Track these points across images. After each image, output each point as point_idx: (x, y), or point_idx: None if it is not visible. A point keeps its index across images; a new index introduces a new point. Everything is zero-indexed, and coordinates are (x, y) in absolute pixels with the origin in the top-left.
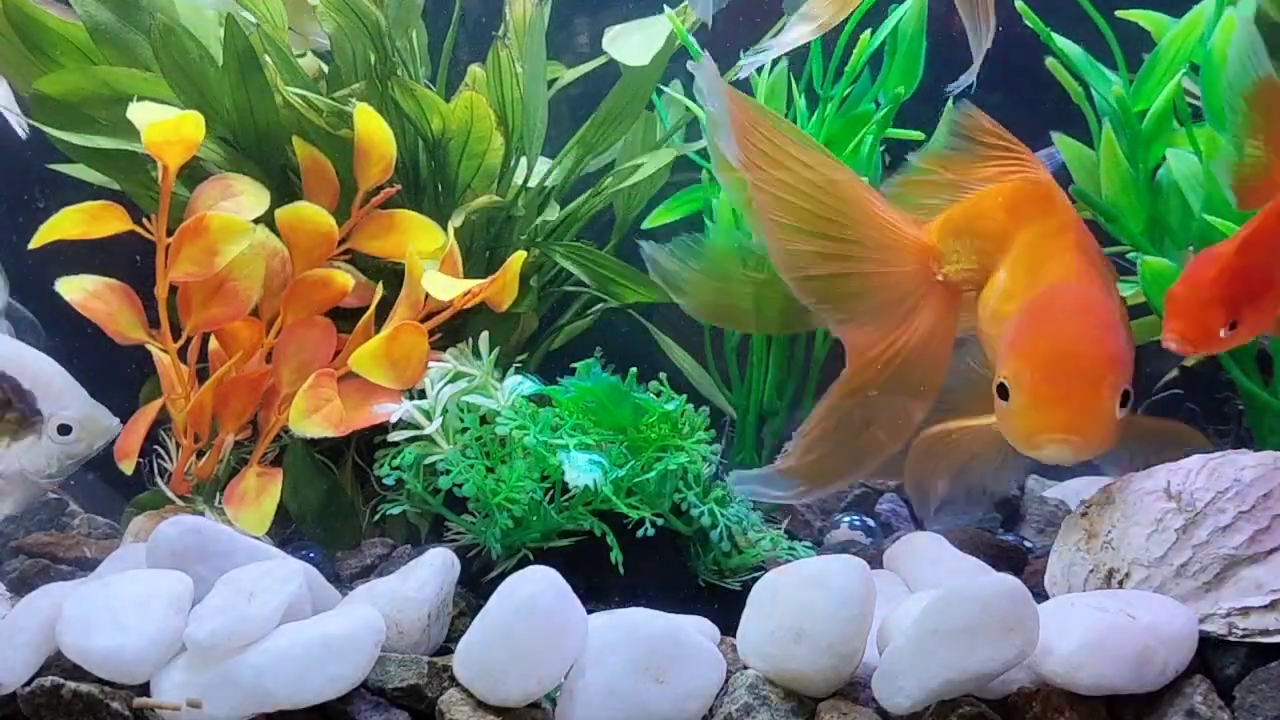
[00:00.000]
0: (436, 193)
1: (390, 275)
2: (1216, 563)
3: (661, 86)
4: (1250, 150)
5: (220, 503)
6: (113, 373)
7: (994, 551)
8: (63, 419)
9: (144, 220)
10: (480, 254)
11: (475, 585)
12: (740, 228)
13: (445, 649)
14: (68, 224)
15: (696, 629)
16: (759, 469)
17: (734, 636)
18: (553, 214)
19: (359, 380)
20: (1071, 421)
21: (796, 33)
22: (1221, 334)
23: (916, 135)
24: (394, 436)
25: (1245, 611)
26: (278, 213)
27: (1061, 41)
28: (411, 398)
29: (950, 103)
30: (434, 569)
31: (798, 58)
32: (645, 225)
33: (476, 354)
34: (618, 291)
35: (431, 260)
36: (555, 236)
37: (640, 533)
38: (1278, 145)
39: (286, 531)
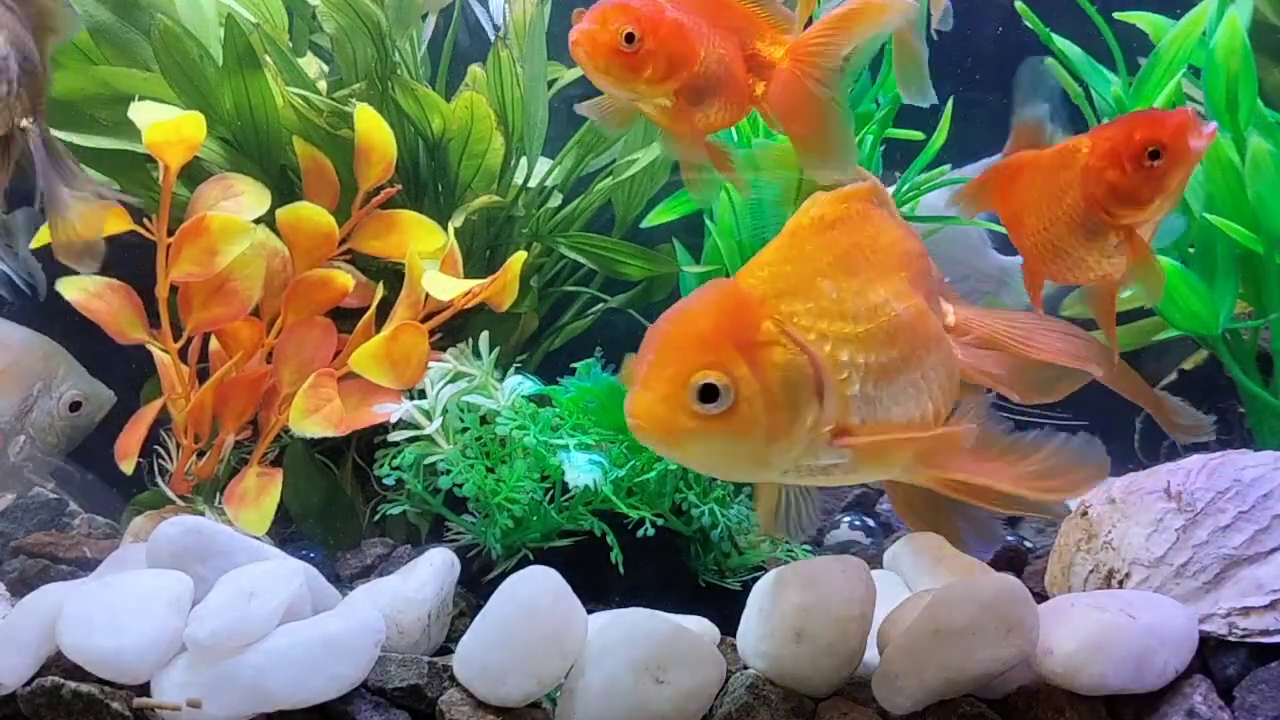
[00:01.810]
0: (437, 193)
1: (390, 275)
2: (1216, 563)
3: None
4: None
5: (220, 503)
6: (113, 372)
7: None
8: (74, 396)
9: (144, 220)
10: (480, 254)
11: (475, 585)
12: (740, 227)
13: (445, 649)
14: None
15: (696, 629)
16: None
17: (734, 636)
18: (555, 201)
19: (359, 380)
20: (635, 403)
21: None
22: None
23: (916, 135)
24: (394, 436)
25: (1245, 611)
26: (278, 213)
27: (1061, 42)
28: (411, 398)
29: (951, 101)
30: (434, 569)
31: None
32: (645, 224)
33: (476, 354)
34: (626, 270)
35: (432, 260)
36: (556, 232)
37: (640, 533)
38: None
39: (286, 531)
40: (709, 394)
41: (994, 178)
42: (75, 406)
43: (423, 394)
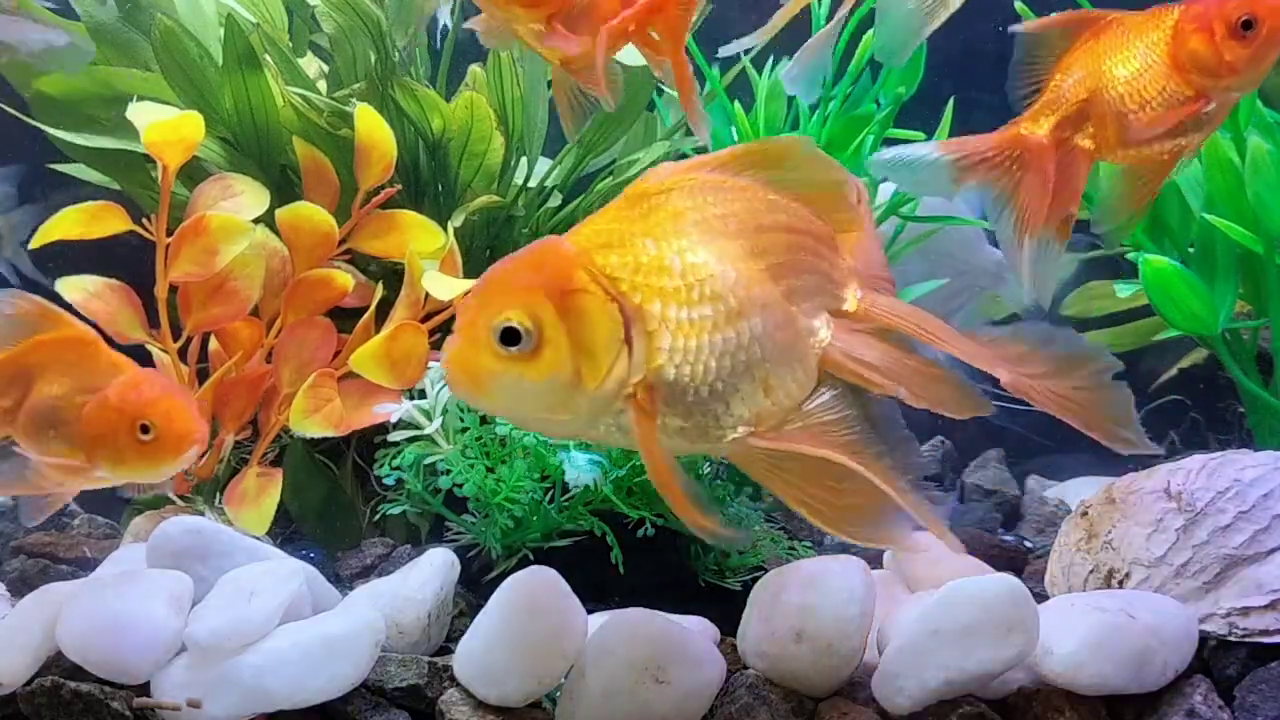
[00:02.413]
0: (437, 193)
1: (390, 275)
2: (1216, 563)
3: (662, 86)
4: None
5: (220, 503)
6: None
7: (994, 551)
8: None
9: (144, 220)
10: (480, 254)
11: (475, 585)
12: None
13: (445, 649)
14: (67, 224)
15: (696, 629)
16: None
17: (734, 636)
18: (555, 201)
19: (359, 380)
20: (445, 351)
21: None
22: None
23: (917, 135)
24: (394, 436)
25: (1245, 611)
26: (278, 213)
27: None
28: (411, 398)
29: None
30: (434, 569)
31: None
32: None
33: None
34: None
35: (432, 260)
36: (556, 232)
37: (640, 533)
38: None
39: (286, 531)
40: (511, 336)
41: (1078, 23)
42: None
43: (423, 394)
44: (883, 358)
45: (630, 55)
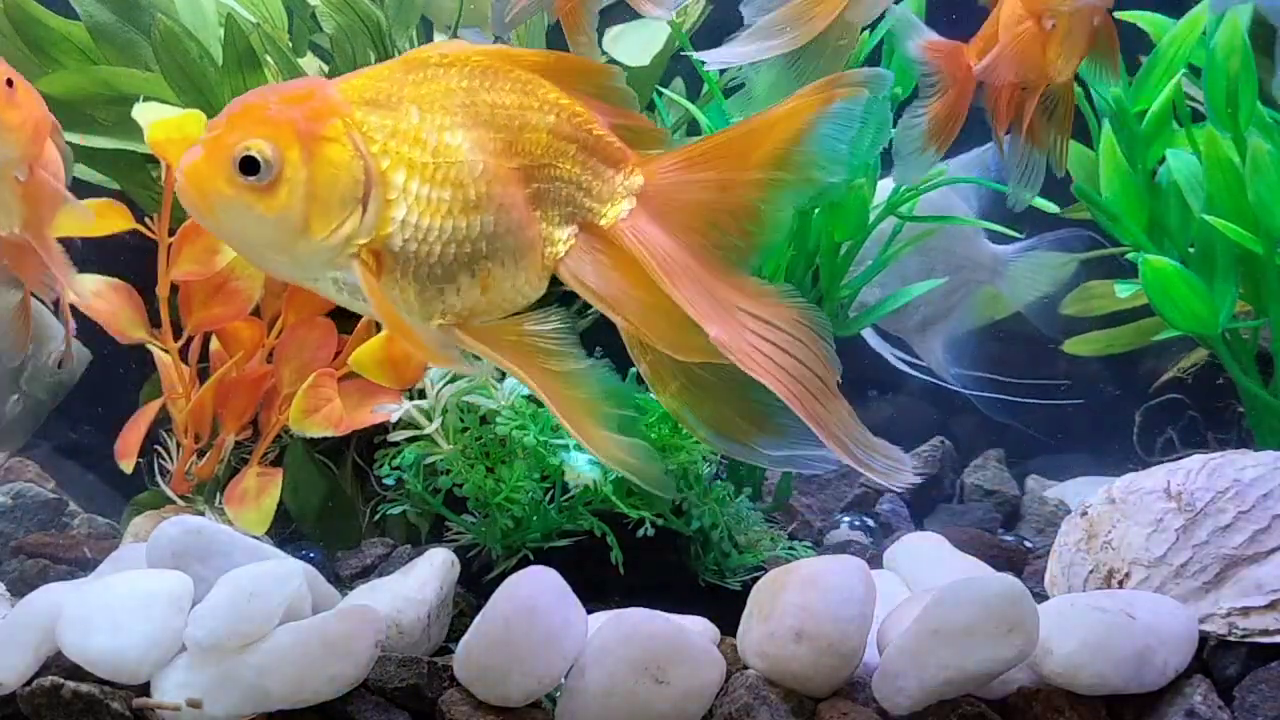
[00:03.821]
0: None
1: None
2: (1216, 563)
3: (661, 88)
4: None
5: (220, 503)
6: (113, 372)
7: (994, 551)
8: (59, 353)
9: (145, 220)
10: None
11: (475, 585)
12: None
13: (445, 649)
14: (69, 223)
15: (696, 629)
16: None
17: (734, 636)
18: None
19: (359, 380)
20: (182, 162)
21: (736, 51)
22: None
23: None
24: (394, 436)
25: (1245, 611)
26: None
27: None
28: (411, 398)
29: None
30: (434, 569)
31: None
32: None
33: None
34: None
35: None
36: None
37: (640, 533)
38: None
39: (286, 531)
40: (250, 165)
41: None
42: (62, 363)
43: (423, 394)
44: (607, 284)
45: (630, 55)
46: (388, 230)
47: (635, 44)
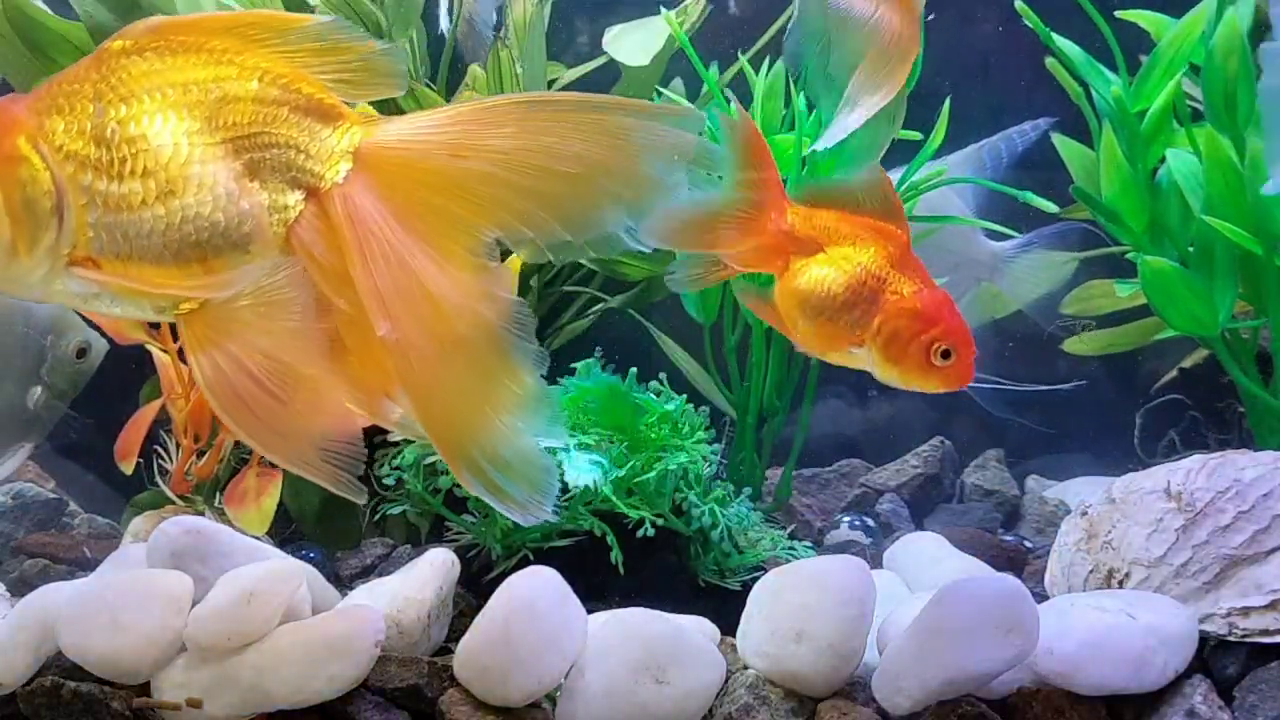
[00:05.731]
0: None
1: None
2: (1216, 563)
3: (660, 88)
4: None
5: (220, 503)
6: (113, 372)
7: (994, 551)
8: (81, 343)
9: None
10: None
11: (475, 585)
12: None
13: (445, 649)
14: None
15: (696, 629)
16: None
17: (734, 636)
18: None
19: None
20: None
21: (850, 120)
22: None
23: (914, 135)
24: (394, 436)
25: (1245, 611)
26: None
27: (1061, 41)
28: None
29: (948, 102)
30: (434, 569)
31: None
32: None
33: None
34: (625, 270)
35: None
36: None
37: (640, 533)
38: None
39: (286, 531)
40: None
41: None
42: (81, 353)
43: None
44: (334, 258)
45: (630, 55)
46: (87, 235)
47: (635, 44)
